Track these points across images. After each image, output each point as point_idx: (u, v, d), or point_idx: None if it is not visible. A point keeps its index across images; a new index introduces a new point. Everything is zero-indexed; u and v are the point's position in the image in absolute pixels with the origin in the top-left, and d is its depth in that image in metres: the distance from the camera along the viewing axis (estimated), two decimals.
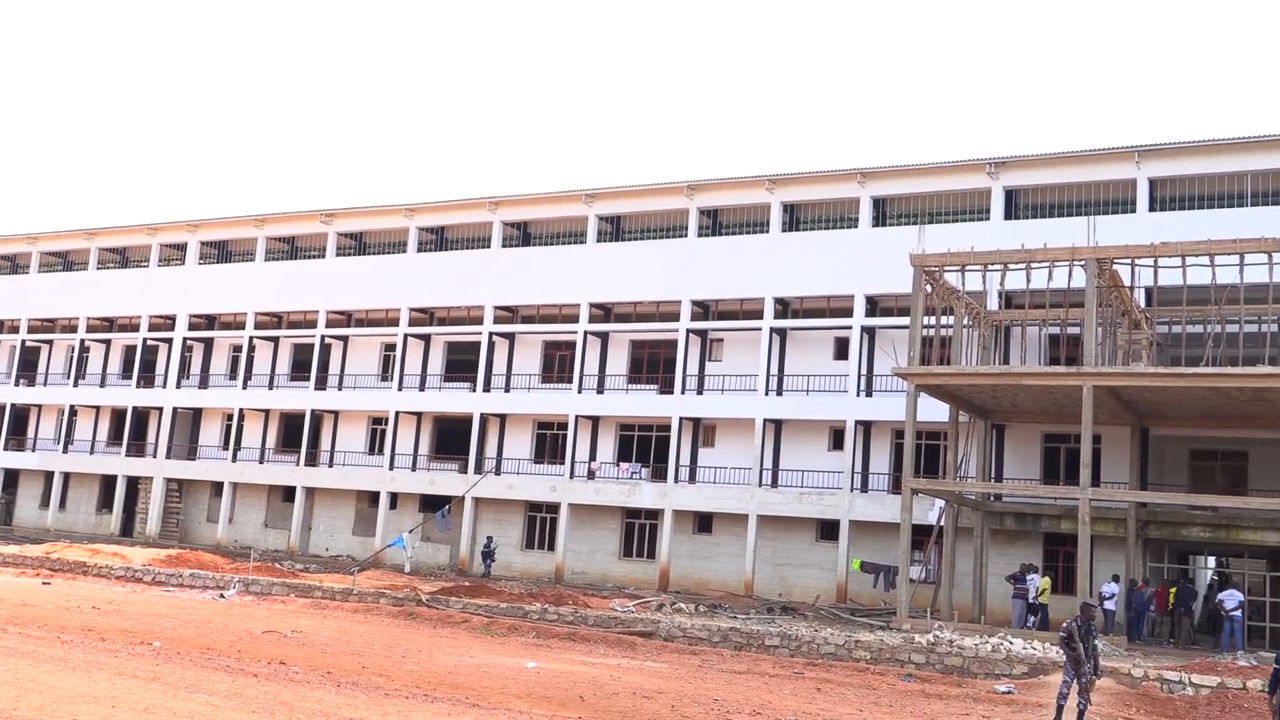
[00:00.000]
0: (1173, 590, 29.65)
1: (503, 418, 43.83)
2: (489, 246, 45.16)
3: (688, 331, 39.97)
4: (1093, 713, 17.51)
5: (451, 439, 45.68)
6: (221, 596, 29.79)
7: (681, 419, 39.50)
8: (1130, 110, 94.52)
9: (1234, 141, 33.30)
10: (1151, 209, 34.05)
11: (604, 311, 42.86)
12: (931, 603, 31.34)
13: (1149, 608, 29.31)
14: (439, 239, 47.35)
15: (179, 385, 51.04)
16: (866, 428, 36.95)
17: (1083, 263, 28.10)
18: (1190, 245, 27.28)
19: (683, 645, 24.59)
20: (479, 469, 43.09)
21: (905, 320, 32.68)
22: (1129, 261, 28.64)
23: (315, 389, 47.11)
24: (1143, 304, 32.20)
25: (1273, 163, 32.81)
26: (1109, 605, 28.48)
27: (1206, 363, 28.06)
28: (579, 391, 41.52)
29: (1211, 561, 36.35)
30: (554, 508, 41.77)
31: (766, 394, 38.25)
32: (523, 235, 45.69)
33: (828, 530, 37.24)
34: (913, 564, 31.26)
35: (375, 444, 46.82)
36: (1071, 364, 29.45)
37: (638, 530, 41.24)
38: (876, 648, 23.24)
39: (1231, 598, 27.44)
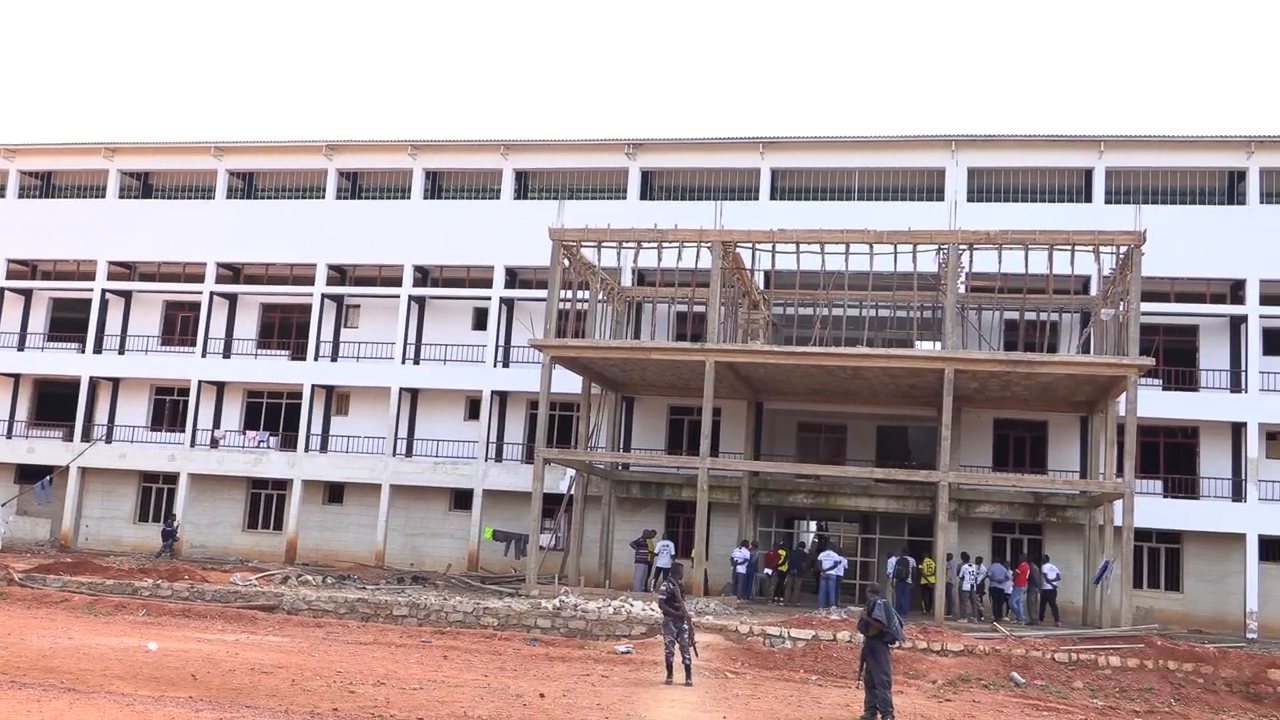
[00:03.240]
0: (782, 552, 31.95)
1: (116, 381, 40.64)
2: (104, 196, 41.63)
3: (323, 296, 38.66)
4: (701, 667, 18.65)
5: (56, 403, 41.90)
6: None
7: (314, 386, 38.23)
8: (760, 103, 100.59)
9: (846, 140, 36.22)
10: (773, 198, 36.41)
11: (233, 272, 40.64)
12: (560, 569, 32.18)
13: (758, 568, 31.45)
14: (45, 185, 43.13)
15: None
16: (503, 398, 37.29)
17: (709, 245, 29.63)
18: (804, 233, 29.42)
19: (308, 618, 23.87)
20: (87, 437, 39.78)
21: (543, 293, 33.22)
22: (751, 246, 30.52)
23: None
24: (761, 286, 34.42)
25: (878, 161, 35.98)
26: (740, 570, 30.34)
27: (815, 343, 30.44)
28: (203, 355, 39.22)
29: (813, 525, 39.63)
30: (172, 478, 39.30)
31: (404, 362, 37.74)
32: (144, 186, 42.47)
33: (462, 499, 37.33)
34: (543, 532, 31.91)
35: None
36: (697, 340, 31.06)
37: (264, 501, 39.57)
38: (504, 614, 23.54)
39: (828, 558, 29.98)
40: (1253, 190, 33.30)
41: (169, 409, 40.72)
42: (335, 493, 38.73)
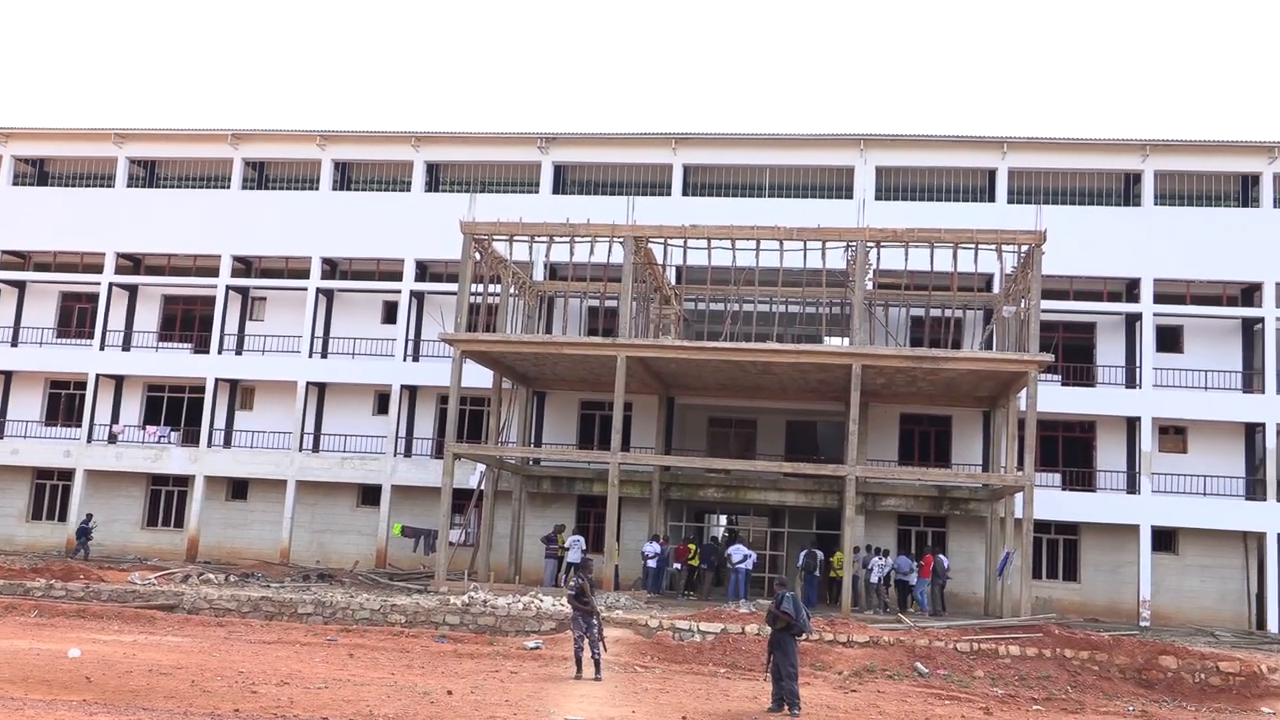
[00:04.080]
0: (692, 546, 32.11)
1: (8, 375, 39.30)
2: None
3: (227, 288, 37.84)
4: (610, 661, 18.68)
5: None
6: None
7: (218, 380, 37.40)
8: (674, 99, 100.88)
9: (758, 137, 36.45)
10: (685, 193, 36.54)
11: (133, 262, 39.60)
12: (470, 565, 31.99)
13: (669, 563, 31.56)
14: None
15: None
16: (412, 392, 36.90)
17: (621, 240, 29.66)
18: (715, 229, 29.59)
19: (209, 617, 23.40)
20: None
21: (454, 286, 33.00)
22: (663, 241, 30.60)
23: None
24: (673, 281, 34.55)
25: (789, 159, 36.31)
26: (651, 564, 30.43)
27: (725, 338, 30.65)
28: (101, 348, 38.12)
29: (723, 519, 39.91)
30: (68, 474, 38.13)
31: (311, 356, 37.13)
32: (40, 174, 41.11)
33: (370, 495, 36.87)
34: (453, 527, 31.70)
35: None
36: (608, 335, 31.05)
37: (165, 498, 38.63)
38: (412, 611, 23.32)
39: (738, 551, 30.22)
40: (1147, 192, 34.32)
41: (65, 403, 39.52)
42: (239, 489, 37.96)
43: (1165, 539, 33.26)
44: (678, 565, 31.54)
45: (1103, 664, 20.54)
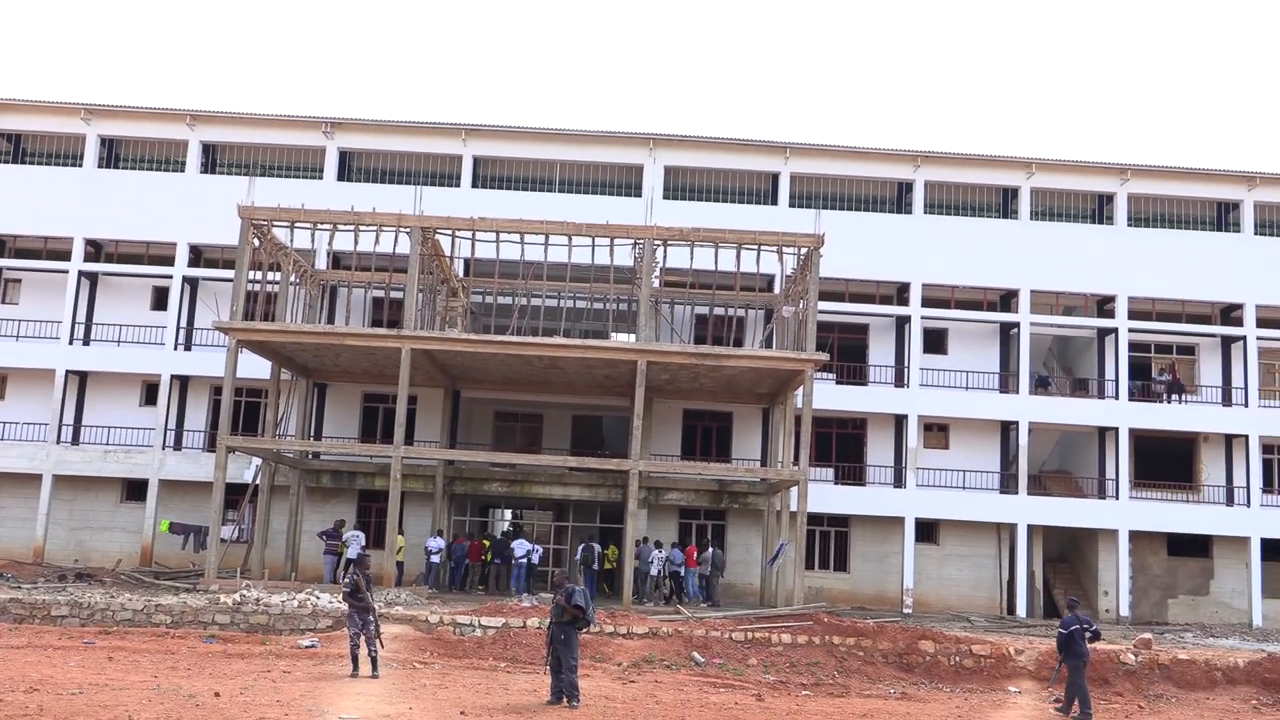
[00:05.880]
0: (486, 542, 31.84)
1: None
2: None
3: None
4: (389, 659, 18.36)
5: None
6: None
7: None
8: (464, 91, 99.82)
9: (549, 132, 36.40)
10: (475, 185, 36.21)
11: None
12: (243, 562, 30.84)
13: (466, 558, 31.18)
14: None
15: None
16: (184, 382, 35.23)
17: (408, 230, 29.15)
18: (504, 223, 29.45)
19: None
20: None
21: (231, 273, 31.71)
22: (450, 232, 30.26)
23: None
24: (461, 274, 34.20)
25: (580, 155, 36.47)
26: (434, 559, 30.00)
27: (512, 332, 30.57)
28: None
29: (509, 514, 39.81)
30: None
31: (71, 343, 34.95)
32: None
33: (136, 490, 35.00)
34: (226, 523, 30.46)
35: None
36: (393, 327, 30.49)
37: None
38: (179, 611, 22.27)
39: (520, 546, 30.22)
40: (918, 201, 36.15)
41: None
42: None
43: (927, 530, 35.14)
44: (451, 563, 31.04)
45: (867, 650, 21.51)
